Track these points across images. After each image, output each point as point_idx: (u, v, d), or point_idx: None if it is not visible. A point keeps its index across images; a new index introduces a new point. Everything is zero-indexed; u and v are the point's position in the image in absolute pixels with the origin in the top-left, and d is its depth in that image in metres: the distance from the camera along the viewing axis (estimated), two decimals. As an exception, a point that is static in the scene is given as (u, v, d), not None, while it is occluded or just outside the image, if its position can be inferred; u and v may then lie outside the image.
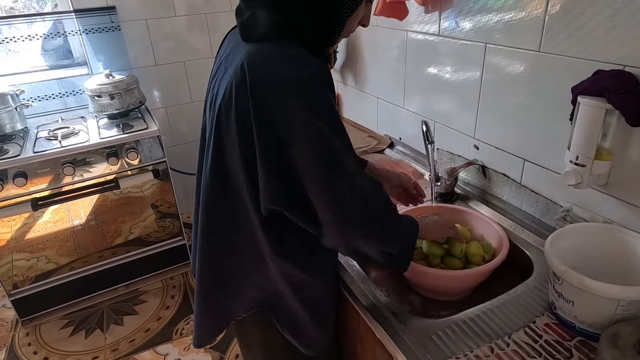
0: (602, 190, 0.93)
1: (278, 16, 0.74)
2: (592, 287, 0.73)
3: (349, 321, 1.07)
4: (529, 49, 1.01)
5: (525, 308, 0.88)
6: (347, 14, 0.77)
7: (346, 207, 0.73)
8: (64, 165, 1.80)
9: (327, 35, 0.78)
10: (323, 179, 0.71)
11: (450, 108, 1.32)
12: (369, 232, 0.77)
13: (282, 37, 0.74)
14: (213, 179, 0.83)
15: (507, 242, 1.01)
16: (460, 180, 1.33)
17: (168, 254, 2.24)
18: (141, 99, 2.12)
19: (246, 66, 0.72)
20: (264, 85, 0.70)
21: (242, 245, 0.87)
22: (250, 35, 0.77)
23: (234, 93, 0.73)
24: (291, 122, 0.69)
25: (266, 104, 0.70)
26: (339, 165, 0.71)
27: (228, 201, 0.84)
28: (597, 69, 0.86)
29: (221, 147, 0.80)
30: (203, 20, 2.39)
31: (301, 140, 0.69)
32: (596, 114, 0.83)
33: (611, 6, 0.81)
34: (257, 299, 0.93)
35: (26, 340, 1.93)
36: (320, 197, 0.72)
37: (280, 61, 0.71)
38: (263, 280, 0.90)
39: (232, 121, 0.75)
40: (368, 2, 0.82)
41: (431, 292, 1.05)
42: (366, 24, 0.86)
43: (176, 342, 1.87)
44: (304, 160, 0.70)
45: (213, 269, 0.91)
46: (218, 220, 0.87)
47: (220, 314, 0.96)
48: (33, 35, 2.15)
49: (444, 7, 1.22)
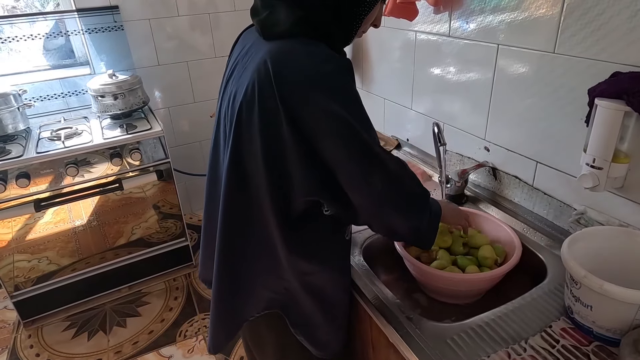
0: (618, 193, 0.92)
1: (300, 12, 0.73)
2: (612, 291, 0.72)
3: (360, 324, 1.06)
4: (543, 50, 1.00)
5: (541, 312, 0.87)
6: (364, 13, 0.77)
7: (380, 193, 0.77)
8: (67, 166, 1.79)
9: (346, 33, 0.79)
10: (356, 170, 0.74)
11: (459, 109, 1.31)
12: (402, 211, 0.83)
13: (304, 34, 0.74)
14: (231, 180, 0.82)
15: (519, 246, 1.00)
16: (470, 182, 1.32)
17: (171, 255, 2.23)
18: (145, 99, 2.10)
19: (270, 63, 0.71)
20: (291, 81, 0.70)
21: (258, 245, 0.86)
22: (271, 32, 0.76)
23: (257, 90, 0.72)
24: (320, 117, 0.70)
25: (293, 100, 0.70)
26: (369, 155, 0.74)
27: (246, 201, 0.83)
28: (614, 71, 0.85)
29: (240, 146, 0.79)
30: (206, 20, 2.37)
31: (331, 134, 0.71)
32: (614, 116, 0.82)
33: (631, 7, 0.80)
34: (270, 300, 0.92)
35: (28, 343, 1.91)
36: (355, 186, 0.76)
37: (305, 57, 0.71)
38: (277, 280, 0.89)
39: (254, 119, 0.74)
40: (382, 2, 0.82)
41: (442, 295, 1.04)
42: (378, 24, 0.86)
43: (180, 344, 1.86)
44: (335, 153, 0.72)
45: (232, 273, 0.90)
46: (237, 222, 0.86)
47: (233, 316, 0.94)
48: (35, 34, 2.13)
49: (455, 7, 1.21)
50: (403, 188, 0.81)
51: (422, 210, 0.86)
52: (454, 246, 1.08)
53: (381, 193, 0.77)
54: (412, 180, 0.85)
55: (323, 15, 0.74)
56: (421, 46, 1.40)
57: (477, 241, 1.07)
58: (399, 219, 0.83)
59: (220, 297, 0.92)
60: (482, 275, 0.98)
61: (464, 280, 0.98)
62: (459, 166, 1.35)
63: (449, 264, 1.03)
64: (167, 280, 2.24)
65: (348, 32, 0.78)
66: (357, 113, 0.73)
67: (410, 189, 0.84)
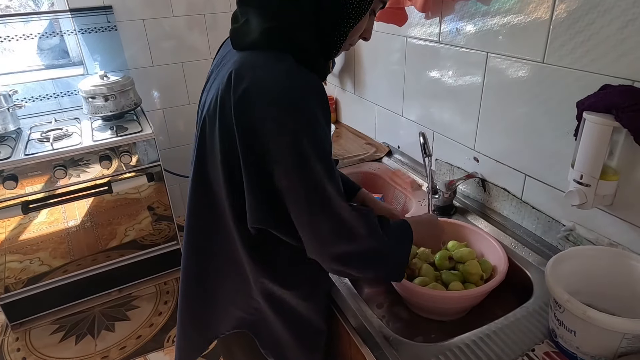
0: (608, 210, 0.88)
1: (272, 23, 0.69)
2: (596, 318, 0.68)
3: (340, 340, 1.03)
4: (532, 59, 0.96)
5: (524, 334, 0.83)
6: (350, 26, 0.72)
7: (326, 240, 0.70)
8: (55, 168, 1.77)
9: (326, 47, 0.73)
10: (304, 206, 0.68)
11: (450, 118, 1.27)
12: (352, 266, 0.73)
13: (273, 46, 0.69)
14: (197, 194, 0.81)
15: (506, 262, 0.96)
16: (460, 193, 1.28)
17: (162, 258, 2.21)
18: (136, 101, 2.08)
19: (233, 76, 0.67)
20: (249, 99, 0.65)
21: (226, 264, 0.84)
22: (240, 42, 0.73)
23: (219, 104, 0.69)
24: (274, 142, 0.64)
25: (249, 118, 0.65)
26: (320, 193, 0.67)
27: (212, 218, 0.80)
28: (604, 84, 0.81)
29: (204, 161, 0.76)
30: (202, 21, 2.35)
31: (283, 161, 0.65)
32: (603, 131, 0.78)
33: (621, 18, 0.76)
34: (240, 319, 0.89)
35: (15, 346, 1.90)
36: (300, 223, 0.69)
37: (268, 74, 0.66)
38: (246, 300, 0.86)
39: (215, 133, 0.71)
40: (371, 15, 0.77)
41: (425, 312, 1.00)
42: (368, 37, 0.81)
43: (167, 350, 1.83)
44: (284, 181, 0.67)
45: (199, 289, 0.88)
46: (204, 240, 0.84)
47: (201, 331, 0.92)
48: (29, 34, 2.11)
49: (445, 13, 1.17)
50: (353, 244, 0.71)
51: (378, 264, 0.76)
52: (439, 261, 1.05)
53: (327, 240, 0.70)
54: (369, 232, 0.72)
55: (299, 28, 0.69)
56: (412, 52, 1.36)
57: (464, 255, 1.04)
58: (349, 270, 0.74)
59: (186, 312, 0.91)
60: (465, 293, 0.94)
61: (446, 298, 0.94)
62: (449, 176, 1.31)
63: (432, 280, 1.00)
64: (158, 284, 2.22)
65: (330, 45, 0.73)
66: (314, 142, 0.65)
67: (362, 246, 0.72)
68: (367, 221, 0.73)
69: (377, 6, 0.76)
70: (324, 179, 0.66)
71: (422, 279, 0.99)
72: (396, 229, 0.81)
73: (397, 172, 1.47)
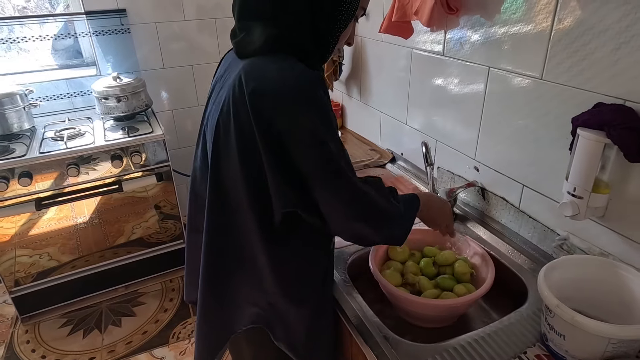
0: (600, 222, 0.93)
1: (273, 30, 0.76)
2: (583, 323, 0.73)
3: (341, 339, 1.08)
4: (531, 75, 1.01)
5: (517, 337, 0.87)
6: (340, 30, 0.79)
7: (347, 207, 0.78)
8: (68, 167, 1.82)
9: (321, 50, 0.80)
10: (323, 182, 0.75)
11: (452, 128, 1.32)
12: (371, 225, 0.82)
13: (276, 50, 0.76)
14: (213, 198, 0.85)
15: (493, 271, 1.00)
16: (460, 201, 1.33)
17: (169, 256, 2.26)
18: (147, 102, 2.14)
19: (243, 79, 0.74)
20: (262, 94, 0.72)
21: (242, 260, 0.88)
22: (244, 51, 0.79)
23: (232, 107, 0.75)
24: (288, 128, 0.71)
25: (265, 113, 0.72)
26: (335, 168, 0.75)
27: (228, 218, 0.85)
28: (597, 102, 0.85)
29: (219, 164, 0.81)
30: (212, 25, 2.40)
31: (299, 144, 0.72)
32: (595, 147, 0.82)
33: (615, 40, 0.81)
34: (254, 314, 0.94)
35: (25, 338, 1.95)
36: (323, 198, 0.77)
37: (275, 71, 0.73)
38: (260, 295, 0.91)
39: (231, 135, 0.76)
40: (355, 20, 0.85)
41: (417, 320, 1.04)
42: (352, 42, 0.89)
43: (172, 346, 1.88)
44: (303, 163, 0.74)
45: (217, 288, 0.92)
46: (221, 239, 0.88)
47: (219, 330, 0.97)
48: (44, 35, 2.17)
49: (449, 26, 1.22)
50: (370, 205, 0.81)
51: (392, 224, 0.86)
52: (425, 269, 1.09)
53: (348, 207, 0.78)
54: (381, 197, 0.83)
55: (298, 33, 0.76)
56: (417, 63, 1.41)
57: (448, 258, 1.10)
58: (368, 230, 0.83)
59: (205, 312, 0.95)
60: (452, 302, 0.98)
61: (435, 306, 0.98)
62: (450, 184, 1.36)
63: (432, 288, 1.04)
64: (164, 282, 2.27)
65: (325, 49, 0.80)
66: (325, 126, 0.73)
67: (377, 206, 0.82)
68: (379, 187, 0.85)
69: (359, 13, 0.84)
70: (338, 156, 0.75)
71: (431, 292, 1.03)
72: (405, 197, 0.91)
73: (400, 178, 1.52)
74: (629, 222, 0.88)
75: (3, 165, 1.72)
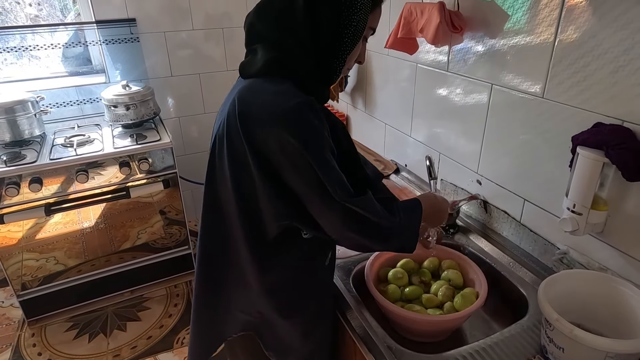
0: (599, 237, 0.95)
1: (274, 54, 0.79)
2: (581, 337, 0.75)
3: (345, 348, 1.10)
4: (533, 93, 1.04)
5: (517, 349, 0.90)
6: (346, 52, 0.81)
7: (343, 223, 0.79)
8: (77, 173, 1.86)
9: (327, 73, 0.82)
10: (313, 202, 0.78)
11: (455, 141, 1.35)
12: (368, 239, 0.83)
13: (274, 73, 0.80)
14: (207, 209, 0.91)
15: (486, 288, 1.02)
16: (463, 213, 1.35)
17: (174, 262, 2.29)
18: (155, 110, 2.17)
19: (237, 99, 0.79)
20: (253, 118, 0.76)
21: (233, 272, 0.93)
22: (246, 72, 0.84)
23: (226, 126, 0.80)
24: (278, 149, 0.75)
25: (255, 136, 0.76)
26: (323, 190, 0.76)
27: (220, 227, 0.90)
28: (597, 121, 0.88)
29: (214, 176, 0.87)
30: (219, 34, 2.44)
31: (291, 166, 0.75)
32: (594, 165, 0.85)
33: (613, 63, 0.84)
34: (245, 322, 0.98)
35: (31, 341, 1.98)
36: (319, 214, 0.79)
37: (268, 95, 0.77)
38: (250, 304, 0.95)
39: (224, 153, 0.82)
40: (364, 41, 0.87)
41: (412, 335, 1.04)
42: (362, 61, 0.91)
43: (177, 351, 1.91)
44: (293, 183, 0.77)
45: (209, 294, 0.97)
46: (213, 247, 0.93)
47: (212, 334, 1.01)
48: (55, 43, 2.22)
49: (454, 44, 1.25)
50: (363, 222, 0.80)
51: (390, 236, 0.85)
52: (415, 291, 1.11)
53: (342, 224, 0.79)
54: (374, 213, 0.82)
55: (298, 57, 0.79)
56: (421, 77, 1.44)
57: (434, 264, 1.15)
58: (366, 241, 0.84)
59: (198, 315, 1.00)
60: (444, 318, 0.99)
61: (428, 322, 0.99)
62: (453, 196, 1.39)
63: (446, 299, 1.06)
64: (169, 287, 2.30)
65: (330, 71, 0.82)
66: (312, 148, 0.74)
67: (371, 222, 0.81)
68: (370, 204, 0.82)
69: (369, 33, 0.86)
70: (328, 177, 0.75)
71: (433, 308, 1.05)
72: (407, 204, 0.91)
73: (404, 190, 1.55)
74: (627, 239, 0.90)
75: (14, 171, 1.76)
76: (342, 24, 0.78)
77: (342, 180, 0.78)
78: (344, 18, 0.77)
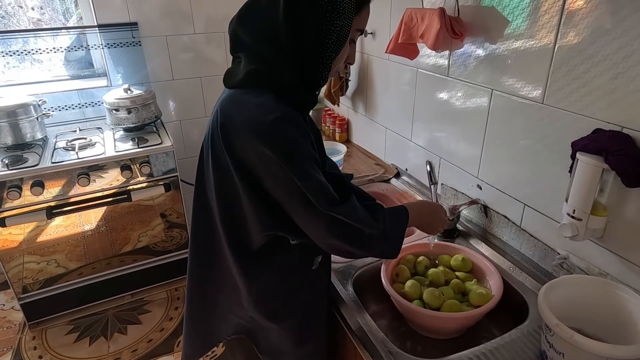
0: (599, 242, 0.96)
1: (255, 65, 0.79)
2: (581, 342, 0.75)
3: (345, 352, 1.10)
4: (533, 99, 1.04)
5: (517, 354, 0.90)
6: (331, 58, 0.79)
7: (327, 231, 0.80)
8: (79, 176, 1.86)
9: (311, 79, 0.81)
10: (295, 211, 0.79)
11: (455, 146, 1.36)
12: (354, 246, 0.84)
13: (255, 84, 0.80)
14: (197, 213, 0.93)
15: (501, 286, 1.04)
16: (463, 217, 1.36)
17: (174, 265, 2.29)
18: (157, 114, 2.18)
19: (219, 110, 0.81)
20: (233, 130, 0.78)
21: (222, 275, 0.94)
22: (229, 82, 0.85)
23: (210, 136, 0.82)
24: (258, 160, 0.76)
25: (236, 147, 0.77)
26: (305, 199, 0.77)
27: (208, 233, 0.91)
28: (596, 127, 0.89)
29: (202, 182, 0.89)
30: (221, 38, 2.45)
31: (269, 175, 0.77)
32: (593, 171, 0.85)
33: (612, 70, 0.85)
34: (237, 325, 0.99)
35: (32, 344, 1.98)
36: (303, 223, 0.81)
37: (248, 107, 0.78)
38: (242, 309, 0.96)
39: (210, 161, 0.83)
40: (352, 43, 0.86)
41: (424, 330, 1.07)
42: (352, 62, 0.91)
43: (177, 355, 1.91)
44: (277, 192, 0.78)
45: (201, 297, 0.99)
46: (203, 252, 0.95)
47: (203, 335, 1.03)
48: (57, 47, 2.23)
49: (454, 49, 1.26)
50: (346, 230, 0.81)
51: (373, 242, 0.85)
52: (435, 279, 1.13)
53: (325, 232, 0.80)
54: (357, 221, 0.81)
55: (279, 68, 0.78)
56: (422, 82, 1.45)
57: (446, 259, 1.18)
58: (350, 248, 0.84)
59: (192, 315, 1.01)
60: (461, 315, 1.01)
61: (446, 319, 1.01)
62: (453, 201, 1.39)
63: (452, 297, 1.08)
64: (169, 290, 2.30)
65: (315, 77, 0.80)
66: (292, 161, 0.75)
67: (354, 230, 0.82)
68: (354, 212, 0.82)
69: (356, 35, 0.85)
70: (310, 187, 0.76)
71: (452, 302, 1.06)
72: (392, 211, 0.91)
73: (405, 194, 1.55)
74: (626, 244, 0.91)
75: (16, 175, 1.76)
76: (325, 30, 0.75)
77: (325, 189, 0.78)
78: (326, 23, 0.75)
